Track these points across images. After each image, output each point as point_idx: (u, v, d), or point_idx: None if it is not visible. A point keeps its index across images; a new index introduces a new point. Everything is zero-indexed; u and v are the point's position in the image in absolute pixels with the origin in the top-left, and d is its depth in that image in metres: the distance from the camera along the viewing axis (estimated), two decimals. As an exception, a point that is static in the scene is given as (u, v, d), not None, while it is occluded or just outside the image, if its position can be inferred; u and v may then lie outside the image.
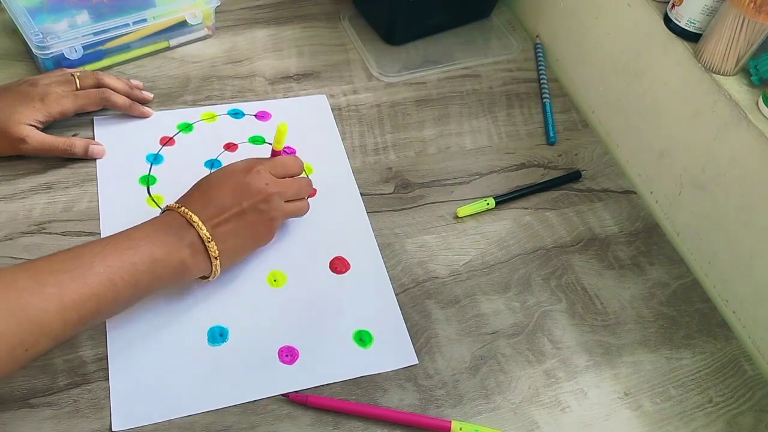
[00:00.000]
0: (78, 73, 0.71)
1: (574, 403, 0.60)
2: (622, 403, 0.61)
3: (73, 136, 0.71)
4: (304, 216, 0.68)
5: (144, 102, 0.75)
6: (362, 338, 0.61)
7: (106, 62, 0.78)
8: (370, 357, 0.60)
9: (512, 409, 0.59)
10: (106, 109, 0.73)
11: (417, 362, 0.60)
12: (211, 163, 0.72)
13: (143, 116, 0.74)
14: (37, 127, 0.67)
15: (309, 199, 0.68)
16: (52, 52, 0.72)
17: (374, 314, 0.63)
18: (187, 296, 0.62)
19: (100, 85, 0.72)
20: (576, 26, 0.86)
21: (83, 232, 0.64)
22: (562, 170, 0.78)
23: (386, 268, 0.66)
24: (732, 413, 0.61)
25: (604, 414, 0.60)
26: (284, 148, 0.73)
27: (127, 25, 0.76)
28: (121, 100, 0.72)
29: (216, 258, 0.57)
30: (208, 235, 0.56)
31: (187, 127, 0.75)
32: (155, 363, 0.58)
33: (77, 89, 0.70)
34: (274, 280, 0.64)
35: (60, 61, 0.75)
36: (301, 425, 0.56)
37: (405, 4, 0.84)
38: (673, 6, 0.68)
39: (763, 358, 0.65)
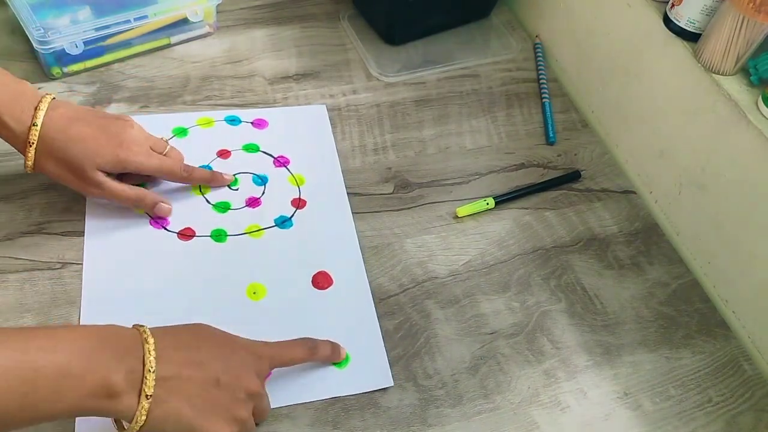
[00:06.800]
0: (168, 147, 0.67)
1: (573, 403, 0.60)
2: (621, 402, 0.61)
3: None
4: (291, 228, 0.67)
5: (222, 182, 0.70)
6: None
7: (107, 58, 0.79)
8: (345, 377, 0.58)
9: (512, 409, 0.59)
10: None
11: (392, 384, 0.59)
12: None
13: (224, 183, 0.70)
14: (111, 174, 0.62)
15: (299, 210, 0.68)
16: (53, 47, 0.73)
17: (353, 333, 0.61)
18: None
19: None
20: (576, 26, 0.86)
21: (83, 232, 0.64)
22: (561, 170, 0.78)
23: (370, 287, 0.64)
24: (731, 413, 0.61)
25: (604, 414, 0.60)
26: (278, 157, 0.73)
27: (129, 21, 0.76)
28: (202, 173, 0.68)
29: (148, 398, 0.44)
30: (153, 364, 0.45)
31: (182, 132, 0.74)
32: None
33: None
34: (254, 293, 0.62)
35: (61, 57, 0.75)
36: (301, 425, 0.55)
37: (405, 4, 0.84)
38: (673, 6, 0.68)
39: (763, 358, 0.65)
